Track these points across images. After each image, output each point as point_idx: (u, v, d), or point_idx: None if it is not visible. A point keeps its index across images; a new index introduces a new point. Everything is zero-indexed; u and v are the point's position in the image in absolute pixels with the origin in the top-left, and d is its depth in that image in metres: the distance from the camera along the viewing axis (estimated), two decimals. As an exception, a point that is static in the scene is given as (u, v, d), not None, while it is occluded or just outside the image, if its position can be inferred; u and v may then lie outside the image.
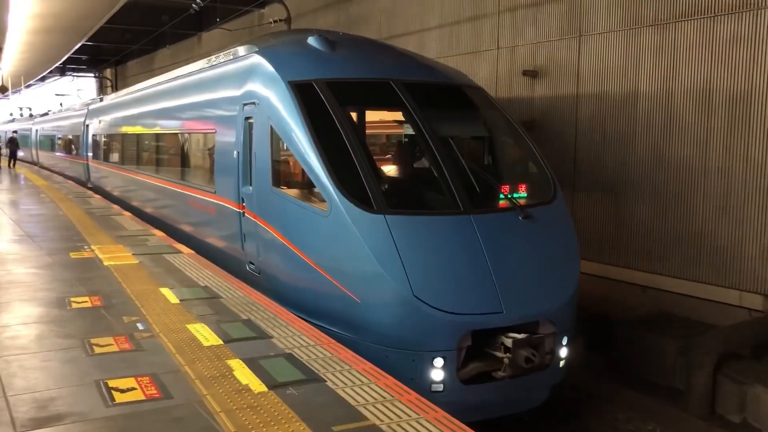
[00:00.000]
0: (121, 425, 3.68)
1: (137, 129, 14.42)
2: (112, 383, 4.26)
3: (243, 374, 4.43)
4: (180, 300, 6.28)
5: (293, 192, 7.08)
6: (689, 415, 7.52)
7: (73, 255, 8.38)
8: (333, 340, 5.25)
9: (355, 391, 4.19)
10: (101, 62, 42.86)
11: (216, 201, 8.85)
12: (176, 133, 11.53)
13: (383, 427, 3.70)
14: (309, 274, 6.50)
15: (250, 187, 7.69)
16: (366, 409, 3.93)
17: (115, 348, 4.94)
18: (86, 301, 6.22)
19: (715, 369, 7.65)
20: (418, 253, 6.02)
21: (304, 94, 7.01)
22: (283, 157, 7.38)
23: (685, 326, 8.70)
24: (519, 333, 5.87)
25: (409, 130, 7.91)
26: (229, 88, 8.73)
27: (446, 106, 7.85)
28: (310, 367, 4.59)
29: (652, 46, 9.31)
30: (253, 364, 4.62)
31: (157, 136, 12.88)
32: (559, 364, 6.42)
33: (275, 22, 18.67)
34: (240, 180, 7.95)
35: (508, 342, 5.78)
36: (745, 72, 8.16)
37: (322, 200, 6.43)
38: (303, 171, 6.74)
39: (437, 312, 5.75)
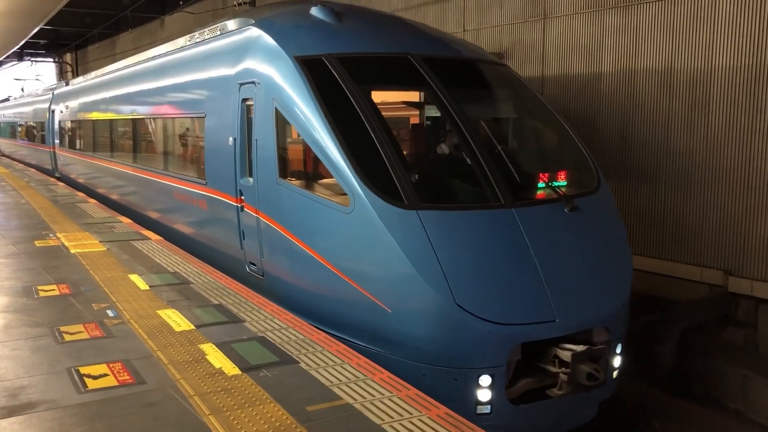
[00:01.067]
0: (94, 411, 3.68)
1: (112, 114, 13.39)
2: (83, 370, 4.25)
3: (216, 358, 4.45)
4: (150, 286, 6.26)
5: (306, 184, 6.24)
6: (651, 388, 7.74)
7: (38, 243, 8.26)
8: (305, 323, 5.29)
9: (328, 372, 4.24)
10: (61, 47, 41.84)
11: (207, 194, 7.97)
12: (159, 119, 10.47)
13: (357, 405, 3.76)
14: (326, 279, 5.69)
15: (250, 179, 6.82)
16: (339, 388, 3.99)
17: (85, 335, 4.92)
18: (54, 289, 6.16)
19: (677, 344, 7.88)
20: (458, 255, 5.21)
21: (313, 71, 6.16)
22: (291, 144, 6.57)
23: (649, 303, 8.92)
24: (572, 343, 5.13)
25: (433, 112, 7.16)
26: (221, 67, 7.84)
27: (473, 85, 7.08)
28: (283, 349, 4.63)
29: (614, 27, 9.44)
30: (225, 347, 4.65)
31: (136, 122, 11.77)
32: (612, 375, 5.63)
33: (240, 4, 18.44)
34: (237, 170, 7.09)
35: (565, 355, 5.01)
36: (704, 53, 8.34)
37: (342, 193, 5.59)
38: (317, 160, 5.93)
39: (484, 323, 4.95)
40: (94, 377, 4.14)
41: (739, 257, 8.19)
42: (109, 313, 5.46)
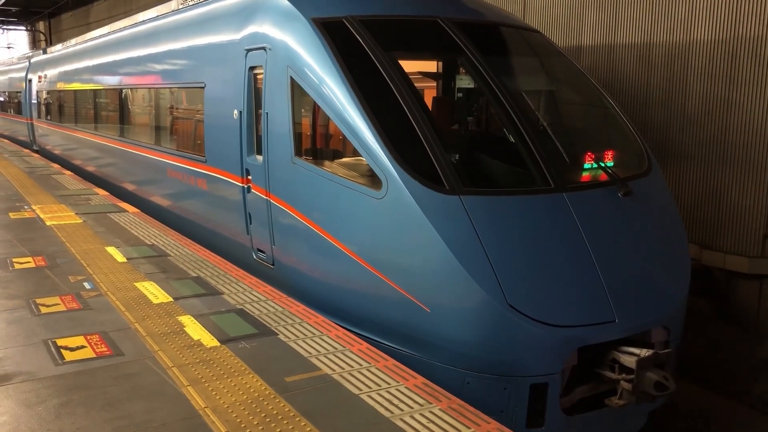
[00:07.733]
0: (71, 382, 3.68)
1: (100, 85, 12.39)
2: (60, 342, 4.24)
3: (194, 330, 4.46)
4: (127, 258, 6.23)
5: (328, 165, 5.60)
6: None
7: (12, 215, 8.16)
8: (284, 295, 5.30)
9: (306, 343, 4.27)
10: (33, 14, 40.95)
11: (208, 172, 7.32)
12: (152, 89, 9.64)
13: (335, 376, 3.79)
14: (351, 272, 5.11)
15: (259, 157, 6.21)
16: (318, 359, 4.02)
17: (62, 307, 4.90)
18: (29, 262, 6.10)
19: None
20: (507, 246, 4.63)
21: (335, 36, 5.53)
22: (310, 119, 5.93)
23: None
24: (630, 344, 4.60)
25: (464, 83, 6.59)
26: (224, 31, 7.14)
27: (510, 53, 6.56)
28: (262, 321, 4.65)
29: (595, 1, 9.43)
30: (204, 319, 4.65)
31: (125, 93, 10.95)
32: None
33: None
34: (244, 147, 6.46)
35: (629, 361, 4.45)
36: (683, 27, 8.37)
37: (372, 175, 4.97)
38: (342, 136, 5.33)
39: (539, 325, 4.39)
40: (71, 349, 4.13)
41: (714, 231, 8.31)
42: (86, 285, 5.42)
